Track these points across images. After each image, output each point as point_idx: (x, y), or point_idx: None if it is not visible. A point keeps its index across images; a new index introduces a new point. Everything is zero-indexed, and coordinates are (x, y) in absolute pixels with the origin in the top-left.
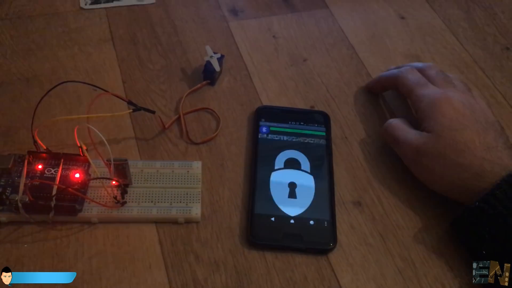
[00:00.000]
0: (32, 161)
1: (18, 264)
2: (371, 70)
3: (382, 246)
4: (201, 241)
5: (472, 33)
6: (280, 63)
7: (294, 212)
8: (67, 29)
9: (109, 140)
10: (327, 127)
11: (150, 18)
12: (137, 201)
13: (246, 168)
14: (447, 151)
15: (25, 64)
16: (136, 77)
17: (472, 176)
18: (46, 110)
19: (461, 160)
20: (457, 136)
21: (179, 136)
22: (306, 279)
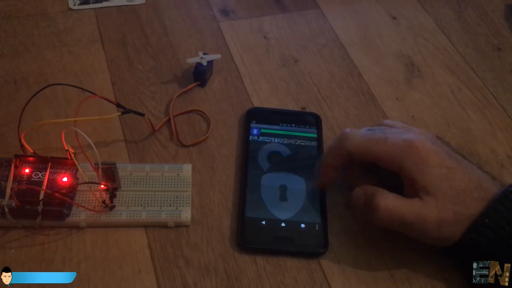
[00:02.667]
0: (19, 165)
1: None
2: (363, 71)
3: (373, 250)
4: (191, 245)
5: (464, 34)
6: (271, 64)
7: (285, 216)
8: (56, 30)
9: (98, 143)
10: (319, 129)
11: (139, 19)
12: (126, 205)
13: (236, 171)
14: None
15: (12, 66)
16: (125, 79)
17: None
18: (33, 113)
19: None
20: (452, 186)
21: (169, 138)
22: (297, 283)
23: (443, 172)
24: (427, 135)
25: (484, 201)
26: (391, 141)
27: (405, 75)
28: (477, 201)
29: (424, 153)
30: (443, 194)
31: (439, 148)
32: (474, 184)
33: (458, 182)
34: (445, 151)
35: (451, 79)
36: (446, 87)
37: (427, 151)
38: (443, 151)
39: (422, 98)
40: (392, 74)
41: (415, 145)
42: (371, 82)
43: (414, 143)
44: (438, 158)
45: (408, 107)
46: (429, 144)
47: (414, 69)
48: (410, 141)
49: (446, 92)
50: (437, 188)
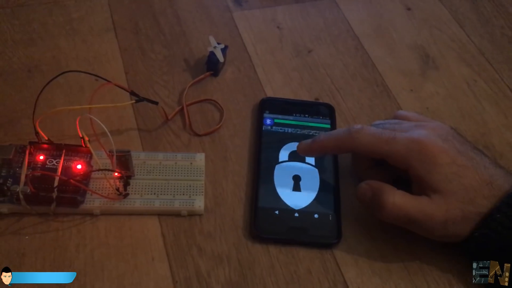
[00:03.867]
0: (34, 152)
1: (19, 255)
2: (377, 62)
3: (387, 241)
4: (204, 234)
5: (480, 25)
6: (284, 54)
7: (299, 206)
8: (69, 18)
9: (111, 131)
10: (332, 120)
11: (152, 8)
12: (139, 193)
13: (249, 161)
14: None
15: (26, 54)
16: (138, 68)
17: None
18: (47, 100)
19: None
20: (462, 184)
21: (182, 127)
22: (310, 272)
23: (453, 170)
24: (440, 129)
25: (494, 198)
26: (399, 140)
27: (419, 66)
28: (487, 199)
29: (433, 152)
30: (452, 193)
31: (449, 145)
32: (486, 182)
33: (468, 180)
34: (456, 148)
35: (466, 71)
36: (461, 79)
37: (436, 150)
38: (453, 149)
39: (436, 89)
40: (406, 65)
41: (423, 144)
42: (385, 73)
43: (423, 142)
44: (448, 157)
45: (423, 98)
46: (439, 142)
47: (428, 60)
48: (419, 140)
49: (461, 84)
50: (446, 187)
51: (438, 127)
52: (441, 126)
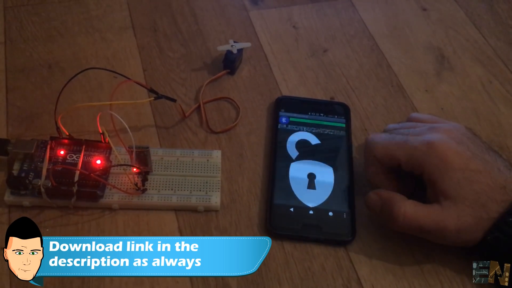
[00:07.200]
0: (55, 147)
1: None
2: (392, 62)
3: (401, 240)
4: (220, 230)
5: (495, 26)
6: (300, 53)
7: (313, 203)
8: (88, 16)
9: (129, 127)
10: (347, 119)
11: (170, 6)
12: (157, 189)
13: (265, 158)
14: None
15: (46, 50)
16: (156, 65)
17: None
18: (67, 97)
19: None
20: (474, 190)
21: (199, 124)
22: (324, 269)
23: (466, 175)
24: (455, 131)
25: (507, 203)
26: (411, 144)
27: (434, 67)
28: (499, 204)
29: (446, 155)
30: (463, 199)
31: (463, 148)
32: (499, 186)
33: (481, 186)
34: (471, 151)
35: (482, 71)
36: (477, 80)
37: (449, 153)
38: (468, 152)
39: (451, 90)
40: (421, 65)
41: (436, 147)
42: (400, 73)
43: (435, 145)
44: (461, 161)
45: (438, 99)
46: (453, 145)
47: (444, 61)
48: (431, 142)
49: (476, 85)
50: (457, 193)
51: (453, 128)
52: (456, 127)
